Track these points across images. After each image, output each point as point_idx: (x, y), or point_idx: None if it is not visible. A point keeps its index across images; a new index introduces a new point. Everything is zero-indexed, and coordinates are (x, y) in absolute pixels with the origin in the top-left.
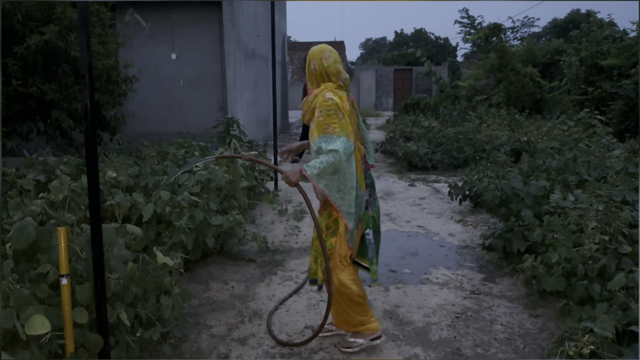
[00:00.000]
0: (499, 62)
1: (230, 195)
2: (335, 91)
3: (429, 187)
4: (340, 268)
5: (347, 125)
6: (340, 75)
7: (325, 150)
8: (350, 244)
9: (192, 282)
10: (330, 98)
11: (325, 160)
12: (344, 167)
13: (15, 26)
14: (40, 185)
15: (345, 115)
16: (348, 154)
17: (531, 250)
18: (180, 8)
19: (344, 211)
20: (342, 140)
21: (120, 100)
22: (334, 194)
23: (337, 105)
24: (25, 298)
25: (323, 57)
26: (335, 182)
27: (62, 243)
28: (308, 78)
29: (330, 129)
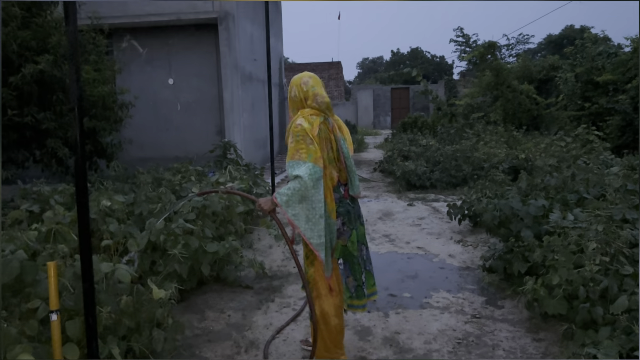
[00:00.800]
0: (495, 79)
1: (227, 220)
2: (308, 117)
3: (428, 207)
4: (323, 298)
5: (315, 151)
6: (316, 98)
7: (291, 177)
8: (326, 273)
9: (188, 312)
10: (299, 124)
11: (291, 187)
12: (310, 194)
13: (10, 56)
14: (34, 215)
15: (314, 141)
16: (314, 180)
17: (532, 272)
18: (177, 34)
19: (314, 243)
20: (307, 165)
21: (116, 127)
22: (302, 224)
23: (305, 131)
24: (12, 337)
25: (302, 82)
26: (304, 210)
27: (52, 278)
28: (290, 106)
29: (297, 154)
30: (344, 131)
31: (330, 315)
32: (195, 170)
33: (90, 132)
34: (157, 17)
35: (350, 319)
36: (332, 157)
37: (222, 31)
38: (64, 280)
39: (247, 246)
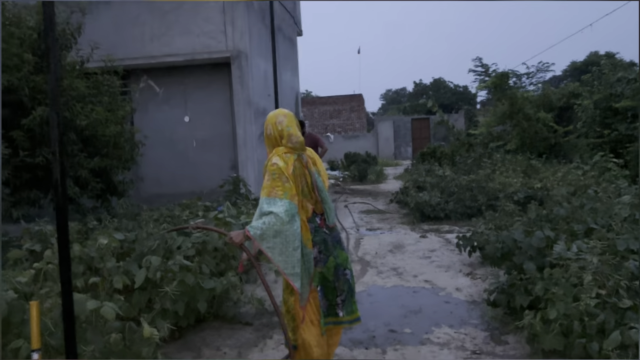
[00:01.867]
0: (510, 108)
1: (228, 256)
2: (282, 156)
3: (440, 239)
4: (304, 328)
5: (290, 188)
6: (290, 138)
7: (266, 212)
8: (301, 302)
9: (184, 350)
10: (275, 163)
11: (267, 222)
12: (285, 229)
13: (23, 100)
14: (36, 254)
15: (289, 179)
16: (290, 216)
17: (534, 305)
18: (192, 73)
19: (288, 273)
20: (283, 202)
21: (127, 165)
22: (276, 257)
23: (280, 170)
24: None
25: (277, 121)
26: (278, 244)
27: (34, 317)
28: (266, 142)
29: (274, 192)
30: (318, 164)
31: (312, 346)
32: (204, 205)
33: (102, 170)
34: (172, 57)
35: (347, 355)
36: (307, 190)
37: (235, 69)
38: (45, 319)
39: (251, 281)
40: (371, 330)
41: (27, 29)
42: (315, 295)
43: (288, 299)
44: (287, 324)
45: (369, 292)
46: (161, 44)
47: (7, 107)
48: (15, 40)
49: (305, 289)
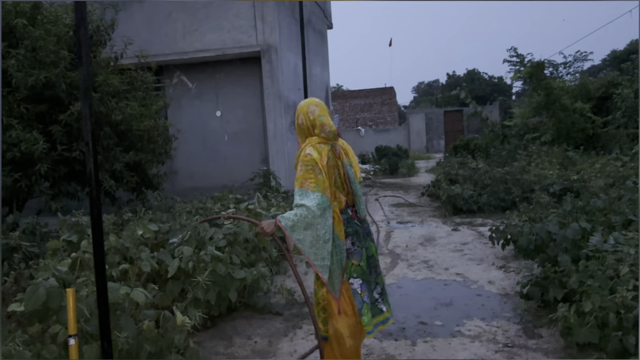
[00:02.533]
0: (546, 99)
1: (258, 247)
2: (316, 146)
3: (473, 232)
4: (336, 318)
5: (323, 181)
6: (323, 127)
7: (299, 204)
8: (334, 294)
9: (216, 338)
10: (309, 154)
11: (299, 214)
12: (317, 222)
13: (60, 95)
14: (73, 244)
15: (322, 170)
16: (322, 209)
17: (569, 298)
18: (223, 68)
19: (318, 265)
20: (316, 195)
21: (161, 159)
22: (306, 248)
23: (314, 161)
24: None
25: (309, 111)
26: (308, 236)
27: (71, 304)
28: (297, 132)
29: (307, 183)
30: (350, 155)
31: (344, 336)
32: (235, 198)
33: (137, 164)
34: (204, 53)
35: (376, 347)
36: (340, 181)
37: (265, 63)
38: (81, 306)
39: (282, 272)
40: (401, 322)
41: (64, 27)
42: (347, 287)
43: (319, 290)
44: (318, 315)
45: (399, 285)
46: (193, 40)
47: (45, 102)
48: (52, 38)
49: (337, 281)
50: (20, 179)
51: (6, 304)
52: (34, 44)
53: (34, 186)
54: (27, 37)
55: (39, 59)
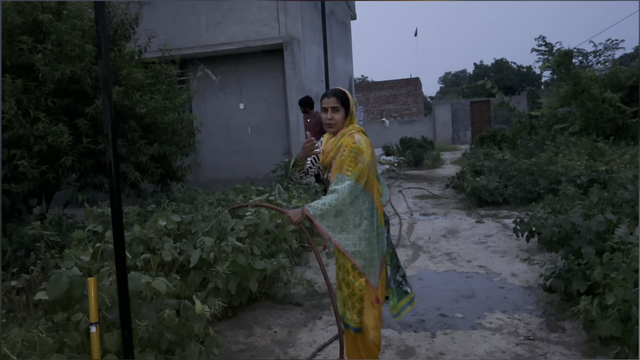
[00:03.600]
0: (574, 89)
1: (279, 238)
2: (362, 134)
3: (498, 224)
4: (367, 309)
5: (362, 169)
6: (356, 119)
7: (332, 189)
8: (374, 284)
9: (236, 328)
10: (359, 141)
11: (328, 202)
12: (346, 209)
13: (86, 89)
14: (98, 235)
15: (366, 159)
16: (352, 197)
17: (593, 291)
18: (246, 60)
19: (349, 251)
20: (350, 182)
21: (185, 151)
22: (337, 234)
23: (361, 149)
24: (49, 347)
25: (351, 99)
26: (339, 223)
27: (92, 293)
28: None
29: (344, 169)
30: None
31: (369, 328)
32: (257, 190)
33: (161, 156)
34: (227, 45)
35: (395, 338)
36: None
37: (288, 55)
38: (103, 295)
39: (303, 264)
40: (421, 314)
41: (89, 21)
42: (383, 276)
43: (356, 280)
44: (353, 306)
45: (420, 277)
46: (216, 33)
47: (71, 96)
48: (77, 32)
49: (377, 269)
50: (48, 171)
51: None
52: (60, 39)
53: (61, 178)
54: (53, 32)
55: (64, 53)
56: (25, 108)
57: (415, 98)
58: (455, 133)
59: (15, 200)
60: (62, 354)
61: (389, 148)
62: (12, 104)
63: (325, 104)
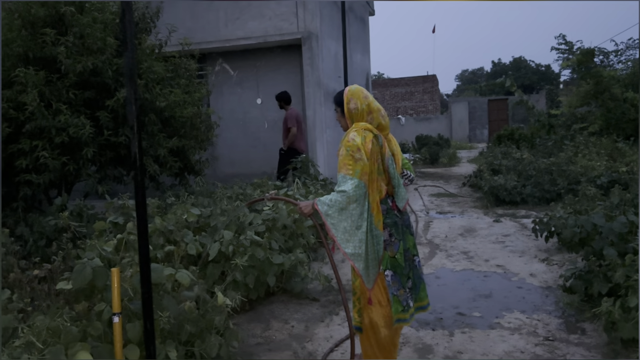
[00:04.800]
0: (595, 88)
1: (296, 233)
2: (361, 132)
3: (515, 223)
4: (371, 309)
5: (362, 166)
6: (380, 112)
7: (336, 190)
8: (367, 285)
9: (254, 321)
10: (352, 138)
11: (333, 199)
12: (351, 208)
13: (107, 82)
14: (119, 226)
15: (364, 156)
16: (357, 196)
17: (614, 293)
18: (264, 55)
19: (349, 253)
20: (353, 182)
21: (203, 145)
22: (339, 234)
23: (356, 146)
24: (73, 335)
25: (364, 96)
26: (342, 222)
27: (115, 283)
28: (347, 117)
29: (345, 168)
30: (394, 143)
31: (379, 326)
32: (274, 184)
33: (180, 150)
34: (245, 40)
35: (413, 336)
36: (381, 169)
37: (306, 51)
38: (125, 286)
39: (319, 259)
40: (438, 312)
41: (110, 14)
42: (383, 278)
43: (355, 279)
44: (354, 305)
45: (437, 275)
46: (235, 28)
47: (92, 88)
48: (98, 25)
49: (372, 271)
50: (69, 163)
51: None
52: (82, 31)
53: (81, 170)
54: (75, 25)
55: (86, 46)
56: (48, 100)
57: (432, 95)
58: (471, 131)
59: (37, 191)
60: (85, 343)
61: (405, 146)
62: (35, 96)
63: None
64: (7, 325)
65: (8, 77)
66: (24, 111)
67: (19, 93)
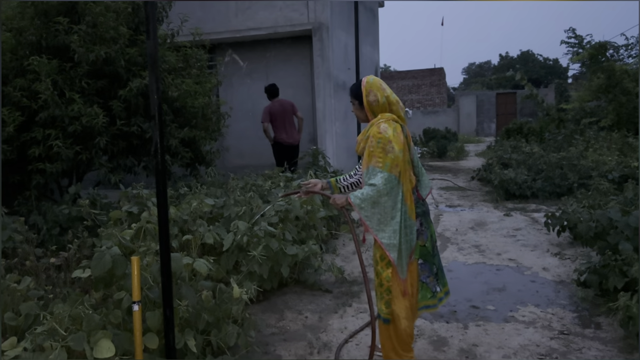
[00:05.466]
0: (607, 82)
1: (309, 225)
2: (391, 122)
3: (526, 217)
4: (395, 300)
5: (392, 159)
6: (399, 104)
7: (367, 183)
8: (401, 275)
9: (268, 311)
10: (383, 131)
11: (366, 193)
12: (383, 201)
13: (119, 71)
14: (134, 216)
15: (395, 148)
16: (388, 189)
17: (630, 287)
18: (274, 46)
19: (385, 243)
20: (382, 175)
21: (214, 136)
22: (374, 225)
23: (387, 139)
24: (95, 323)
25: (382, 87)
26: (376, 214)
27: (135, 272)
28: (367, 109)
29: (374, 160)
30: (409, 138)
31: (400, 318)
32: (285, 176)
33: (191, 140)
34: (255, 31)
35: (427, 328)
36: (408, 159)
37: (316, 42)
38: (145, 274)
39: (331, 251)
40: (452, 305)
41: (122, 3)
42: (415, 267)
43: (384, 271)
44: (381, 297)
45: (449, 268)
46: (245, 18)
47: (105, 78)
48: (111, 14)
49: (405, 261)
50: (81, 152)
51: (70, 270)
52: (94, 20)
53: (93, 159)
54: (88, 14)
55: (99, 35)
56: (61, 89)
57: (439, 88)
58: (479, 125)
59: (49, 180)
60: (106, 331)
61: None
62: (48, 84)
63: None
64: (28, 312)
65: (21, 65)
66: (37, 100)
67: (32, 82)
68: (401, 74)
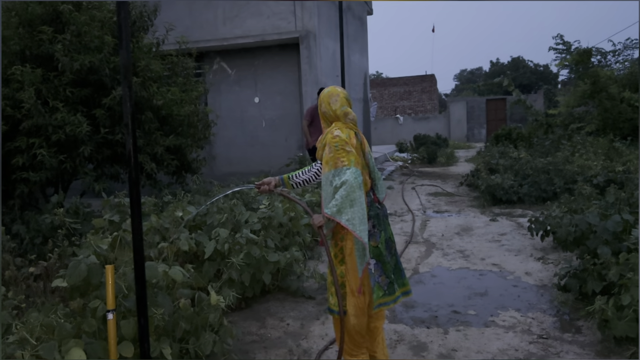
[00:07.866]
0: (591, 87)
1: (292, 232)
2: (344, 129)
3: (512, 222)
4: (348, 296)
5: (355, 156)
6: (347, 116)
7: (338, 184)
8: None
9: (249, 319)
10: (337, 135)
11: (340, 196)
12: (357, 196)
13: (104, 80)
14: (115, 224)
15: (352, 148)
16: (359, 183)
17: (608, 291)
18: (262, 54)
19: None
20: (351, 170)
21: (201, 144)
22: (357, 226)
23: (344, 140)
24: (67, 332)
25: (330, 101)
26: (357, 213)
27: (110, 281)
28: (321, 118)
29: (339, 162)
30: (365, 144)
31: (349, 315)
32: None
33: (177, 148)
34: (243, 39)
35: (408, 333)
36: (363, 164)
37: (303, 50)
38: (120, 283)
39: (315, 258)
40: (434, 310)
41: (108, 12)
42: (365, 267)
43: (338, 268)
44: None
45: (433, 273)
46: (233, 26)
47: (89, 86)
48: (96, 23)
49: (363, 260)
50: (65, 161)
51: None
52: (79, 29)
53: (78, 168)
54: (72, 23)
55: (84, 43)
56: (44, 98)
57: (430, 95)
58: (470, 131)
59: (33, 189)
60: (79, 339)
61: (403, 145)
62: (32, 94)
63: None
64: (1, 322)
65: (5, 74)
66: (20, 109)
67: (15, 91)
68: (393, 80)
